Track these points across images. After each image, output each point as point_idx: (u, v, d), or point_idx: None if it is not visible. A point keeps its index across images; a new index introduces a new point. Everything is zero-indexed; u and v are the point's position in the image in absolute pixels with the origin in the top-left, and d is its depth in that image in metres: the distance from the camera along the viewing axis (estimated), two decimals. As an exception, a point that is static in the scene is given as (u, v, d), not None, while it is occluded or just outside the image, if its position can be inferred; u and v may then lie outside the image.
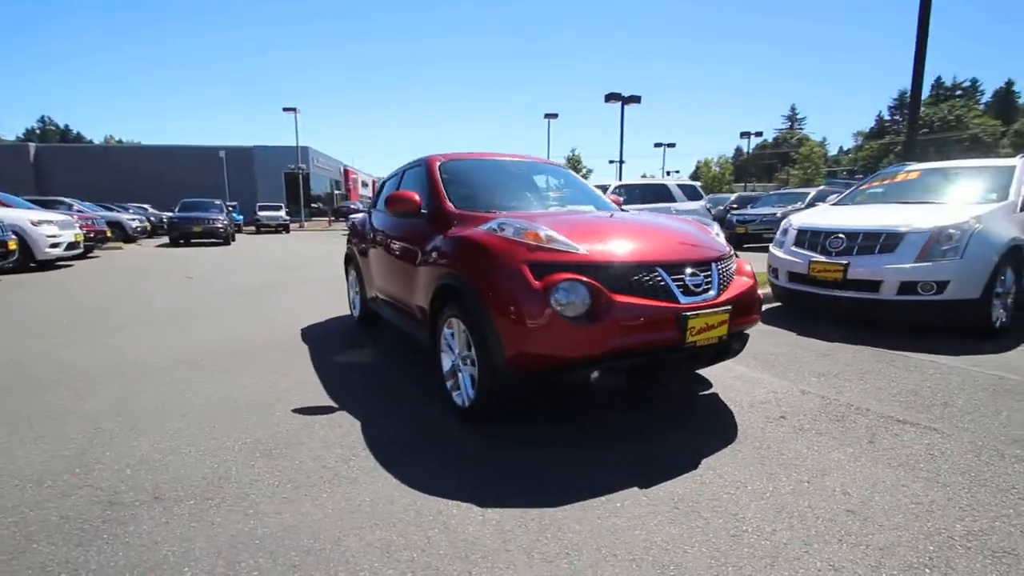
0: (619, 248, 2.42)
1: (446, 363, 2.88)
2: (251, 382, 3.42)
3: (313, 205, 38.54)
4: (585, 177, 48.56)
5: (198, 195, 21.51)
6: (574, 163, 38.80)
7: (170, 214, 18.58)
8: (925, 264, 4.21)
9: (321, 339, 4.53)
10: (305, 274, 9.44)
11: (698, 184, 12.80)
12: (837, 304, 4.65)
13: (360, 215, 5.24)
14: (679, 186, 11.44)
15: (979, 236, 4.17)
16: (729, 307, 2.44)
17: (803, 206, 12.86)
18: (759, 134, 36.40)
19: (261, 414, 2.88)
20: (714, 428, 2.66)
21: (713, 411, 2.89)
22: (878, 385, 3.26)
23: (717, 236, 2.96)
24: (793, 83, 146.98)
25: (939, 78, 65.59)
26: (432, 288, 2.91)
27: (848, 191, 6.30)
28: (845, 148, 75.93)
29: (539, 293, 2.22)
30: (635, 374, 2.41)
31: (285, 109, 29.47)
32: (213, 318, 5.48)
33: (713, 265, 2.55)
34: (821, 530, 1.80)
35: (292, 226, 27.71)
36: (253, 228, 26.28)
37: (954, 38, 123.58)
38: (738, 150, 77.16)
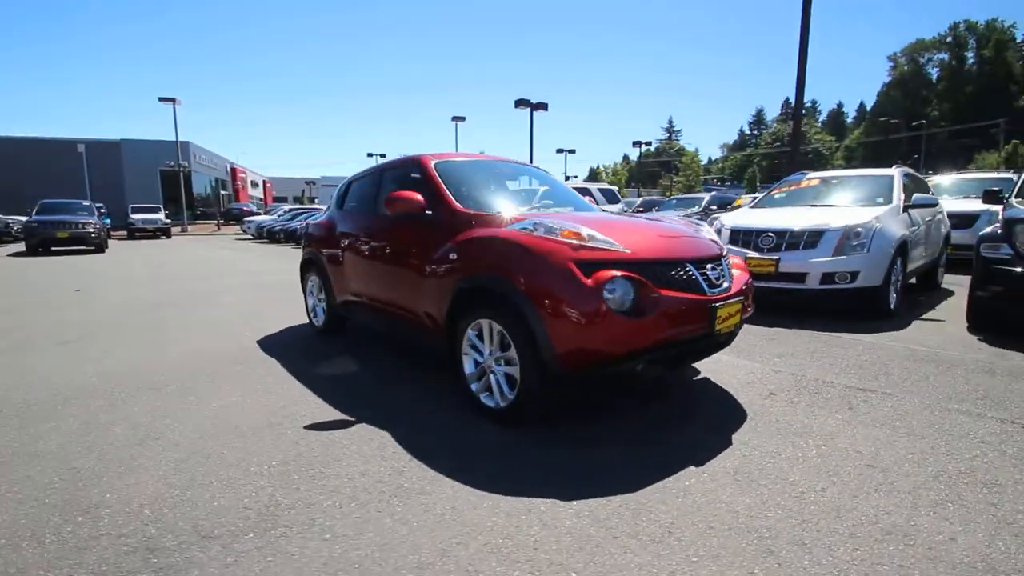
0: (653, 246, 2.60)
1: (469, 366, 2.86)
2: (233, 402, 3.10)
3: (230, 211, 33.95)
4: None
5: (49, 196, 18.34)
6: None
7: (25, 218, 15.68)
8: (840, 257, 4.95)
9: (285, 350, 4.19)
10: (223, 284, 8.56)
11: (616, 189, 13.69)
12: (771, 294, 5.28)
13: (318, 217, 4.92)
14: (600, 190, 12.16)
15: (879, 233, 5.00)
16: (741, 297, 2.72)
17: (699, 210, 14.25)
18: (648, 143, 39.57)
19: (270, 435, 2.63)
20: (725, 409, 2.93)
21: (714, 394, 3.17)
22: (829, 361, 3.79)
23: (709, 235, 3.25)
24: (670, 98, 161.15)
25: (787, 99, 75.99)
26: (451, 291, 2.86)
27: (761, 196, 7.16)
28: (713, 158, 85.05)
29: (591, 290, 2.31)
30: (671, 363, 2.59)
31: (162, 99, 26.05)
32: (140, 336, 4.81)
33: (723, 260, 2.82)
34: (857, 484, 2.09)
35: (173, 230, 24.70)
36: (125, 233, 23.02)
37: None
38: (625, 157, 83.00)
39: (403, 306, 3.43)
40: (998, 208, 7.80)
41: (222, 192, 40.08)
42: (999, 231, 4.48)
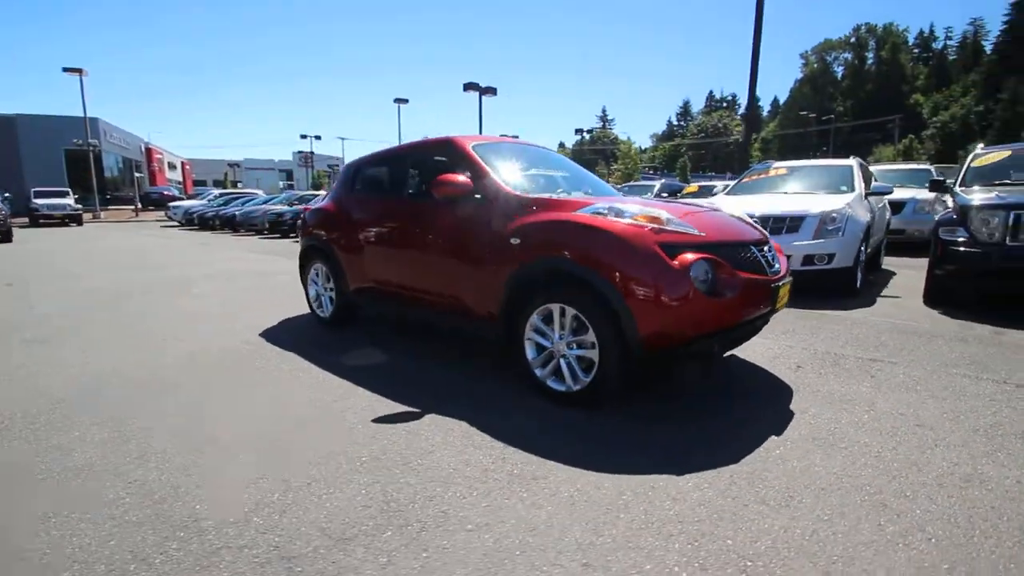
0: (721, 229, 2.72)
1: (531, 351, 2.86)
2: (276, 398, 2.92)
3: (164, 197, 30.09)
4: None
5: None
6: None
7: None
8: (819, 241, 5.38)
9: (297, 343, 3.96)
10: (181, 274, 7.88)
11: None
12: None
13: (319, 202, 4.65)
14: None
15: (851, 218, 5.48)
16: (790, 278, 2.92)
17: (651, 197, 14.86)
18: (590, 131, 40.37)
19: (339, 430, 2.52)
20: (766, 383, 3.14)
21: (750, 370, 3.38)
22: (830, 336, 4.13)
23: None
24: (605, 88, 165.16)
25: (711, 92, 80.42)
26: (511, 276, 2.85)
27: (733, 184, 7.58)
28: (643, 148, 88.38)
29: (678, 272, 2.39)
30: (737, 342, 2.74)
31: (66, 70, 23.01)
32: (116, 332, 4.36)
33: (770, 243, 3.00)
34: (917, 442, 2.34)
35: (84, 216, 22.18)
36: (27, 220, 20.39)
37: (721, 58, 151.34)
38: (561, 144, 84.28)
39: (444, 292, 3.36)
40: (928, 195, 8.77)
41: (136, 175, 36.37)
42: (954, 216, 5.05)
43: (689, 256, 2.43)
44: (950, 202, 6.01)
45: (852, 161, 6.73)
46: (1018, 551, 1.61)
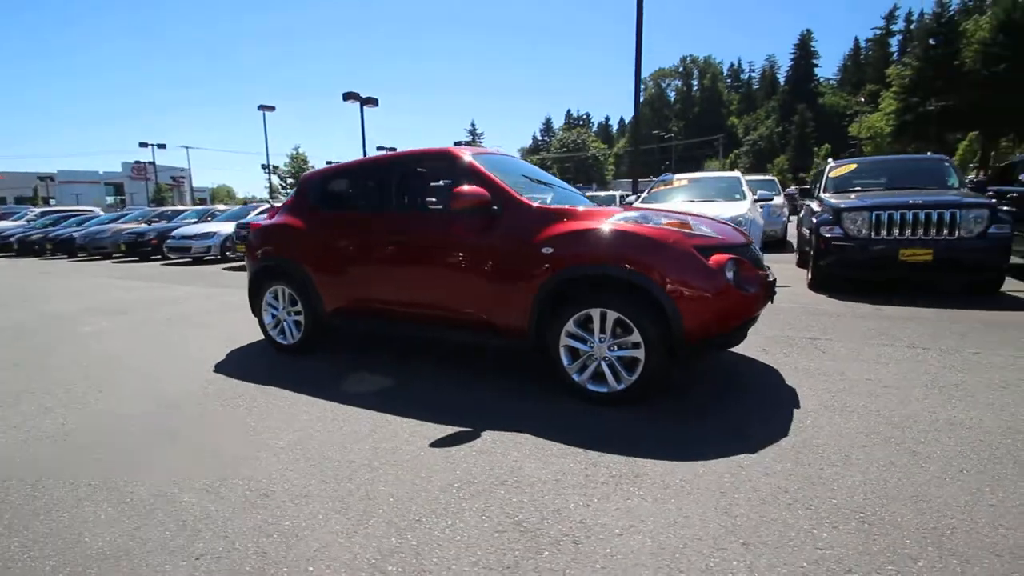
0: (726, 232, 3.04)
1: (566, 357, 2.93)
2: (296, 442, 2.59)
3: None
4: None
5: None
6: (300, 161, 35.45)
7: None
8: (732, 241, 6.21)
9: (273, 375, 3.51)
10: (53, 310, 6.37)
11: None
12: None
13: (272, 219, 4.17)
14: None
15: (753, 222, 6.41)
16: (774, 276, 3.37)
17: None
18: (470, 141, 40.98)
19: (399, 462, 2.34)
20: (751, 367, 3.56)
21: (730, 358, 3.79)
22: (768, 323, 4.77)
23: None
24: (475, 102, 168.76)
25: (569, 110, 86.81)
26: (543, 285, 2.89)
27: (644, 193, 8.35)
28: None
29: (715, 271, 2.65)
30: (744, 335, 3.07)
31: None
32: (23, 379, 3.45)
33: (754, 244, 3.44)
34: (895, 400, 2.86)
35: None
36: None
37: (579, 80, 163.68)
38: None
39: (458, 306, 3.26)
40: (779, 201, 10.48)
41: None
42: (830, 217, 6.17)
43: (721, 257, 2.71)
44: (814, 206, 7.31)
45: (738, 173, 7.86)
46: (1019, 471, 2.10)
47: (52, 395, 3.34)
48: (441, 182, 3.42)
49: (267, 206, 13.99)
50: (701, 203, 7.13)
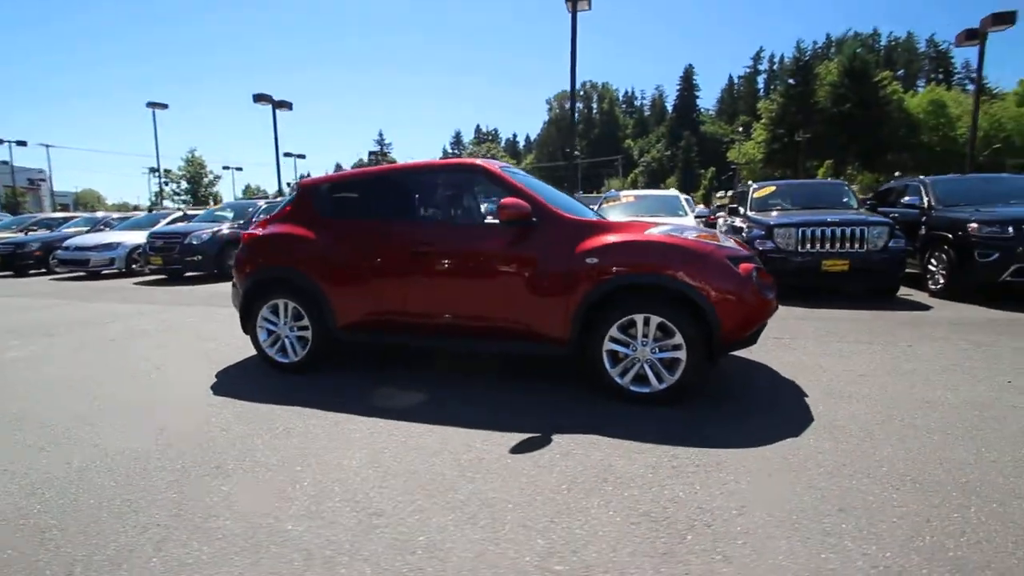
0: (738, 244, 3.42)
1: (609, 360, 3.11)
2: (369, 462, 2.50)
3: None
4: (212, 184, 40.86)
5: None
6: (197, 165, 32.05)
7: None
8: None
9: (290, 397, 3.28)
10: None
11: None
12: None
13: (267, 228, 3.89)
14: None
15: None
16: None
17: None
18: (383, 153, 39.86)
19: (490, 471, 2.37)
20: (745, 365, 3.99)
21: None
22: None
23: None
24: (384, 112, 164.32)
25: (478, 125, 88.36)
26: (588, 293, 3.06)
27: (596, 208, 8.82)
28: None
29: (746, 279, 2.99)
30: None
31: None
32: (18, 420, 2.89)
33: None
34: (877, 386, 3.39)
35: None
36: None
37: (487, 97, 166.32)
38: (338, 166, 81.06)
39: (494, 316, 3.31)
40: (691, 219, 11.53)
41: None
42: (763, 233, 7.00)
43: (747, 265, 3.06)
44: (738, 222, 8.21)
45: (676, 191, 8.63)
46: (995, 434, 2.63)
47: (29, 432, 2.85)
48: (477, 194, 3.47)
49: (179, 214, 12.69)
50: (650, 218, 7.73)
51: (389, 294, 3.53)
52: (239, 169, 39.76)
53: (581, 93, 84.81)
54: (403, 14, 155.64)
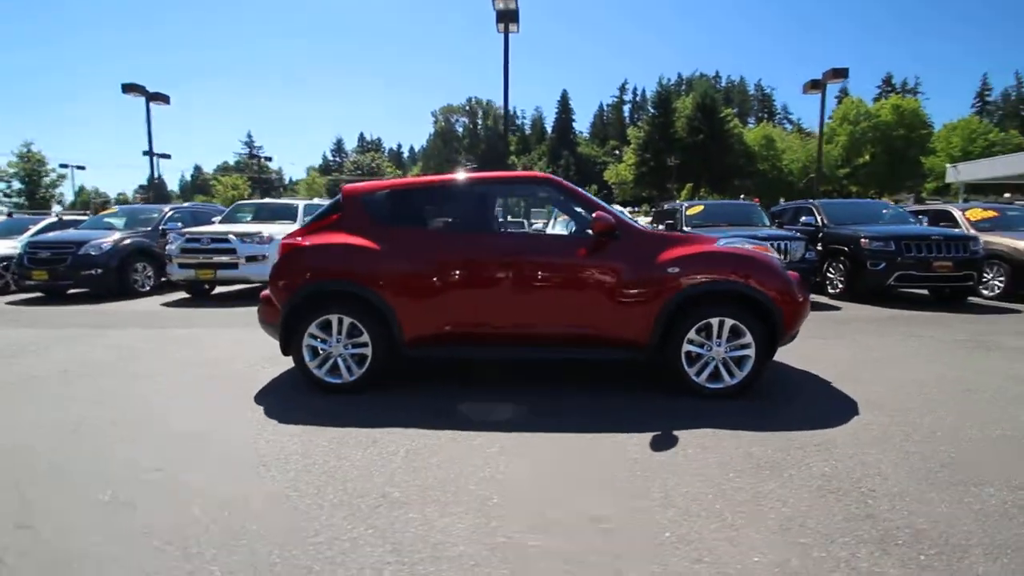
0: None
1: (685, 360, 3.41)
2: (491, 465, 2.48)
3: None
4: (55, 184, 33.37)
5: None
6: (35, 162, 26.12)
7: None
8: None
9: (361, 417, 3.06)
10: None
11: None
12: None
13: (306, 235, 3.55)
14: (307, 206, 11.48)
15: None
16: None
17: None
18: (260, 157, 36.23)
19: (641, 468, 2.51)
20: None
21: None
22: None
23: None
24: (256, 113, 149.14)
25: (362, 134, 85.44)
26: (671, 299, 3.33)
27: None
28: (294, 179, 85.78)
29: (798, 283, 3.49)
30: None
31: None
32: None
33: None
34: (884, 366, 4.13)
35: None
36: None
37: (369, 105, 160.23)
38: (197, 168, 72.59)
39: (579, 325, 3.44)
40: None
41: None
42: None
43: (793, 272, 3.57)
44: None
45: (619, 207, 9.32)
46: (987, 405, 3.40)
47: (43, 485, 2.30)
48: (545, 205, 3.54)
49: (54, 219, 10.51)
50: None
51: (467, 306, 3.46)
52: (80, 168, 33.41)
53: (467, 108, 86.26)
54: (286, 15, 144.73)
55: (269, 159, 36.19)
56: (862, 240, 7.66)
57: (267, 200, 11.35)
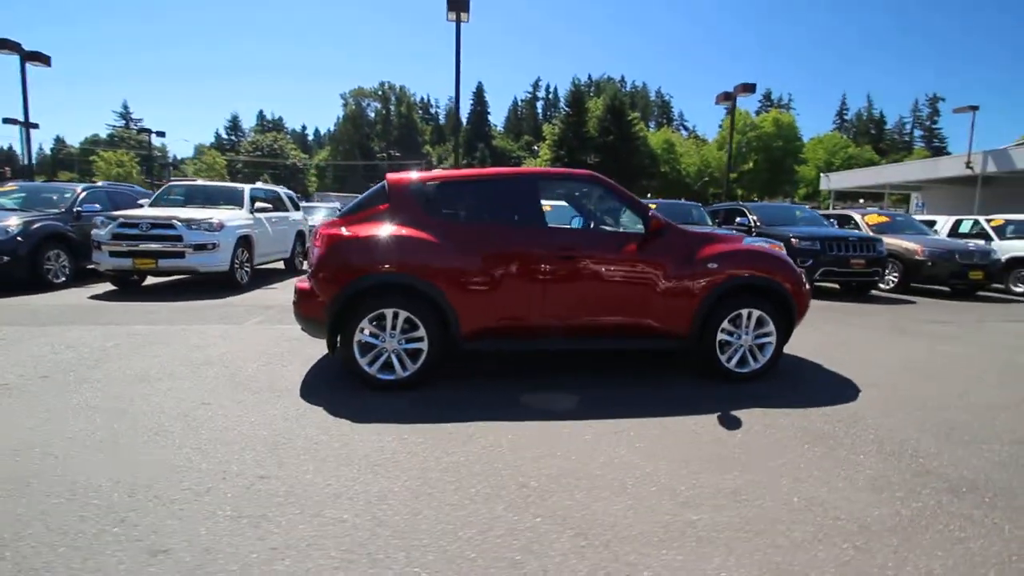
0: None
1: (719, 348, 3.77)
2: (595, 451, 2.65)
3: None
4: None
5: None
6: None
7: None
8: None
9: (438, 412, 3.03)
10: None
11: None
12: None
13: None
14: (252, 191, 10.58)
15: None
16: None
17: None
18: (153, 132, 31.73)
19: (743, 445, 2.79)
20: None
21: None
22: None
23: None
24: (138, 81, 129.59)
25: (261, 111, 78.93)
26: (709, 292, 3.65)
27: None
28: (180, 157, 77.20)
29: (803, 275, 3.98)
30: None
31: None
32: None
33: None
34: (885, 347, 4.80)
35: None
36: None
37: (270, 82, 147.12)
38: (58, 139, 62.73)
39: (630, 317, 3.65)
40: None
41: None
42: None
43: (799, 266, 4.06)
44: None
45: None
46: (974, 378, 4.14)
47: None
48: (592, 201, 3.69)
49: None
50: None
51: (524, 299, 3.51)
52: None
53: (380, 93, 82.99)
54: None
55: (162, 134, 31.97)
56: (792, 239, 8.67)
57: (206, 182, 10.19)
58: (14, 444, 2.55)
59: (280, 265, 10.32)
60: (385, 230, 3.43)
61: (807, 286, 4.00)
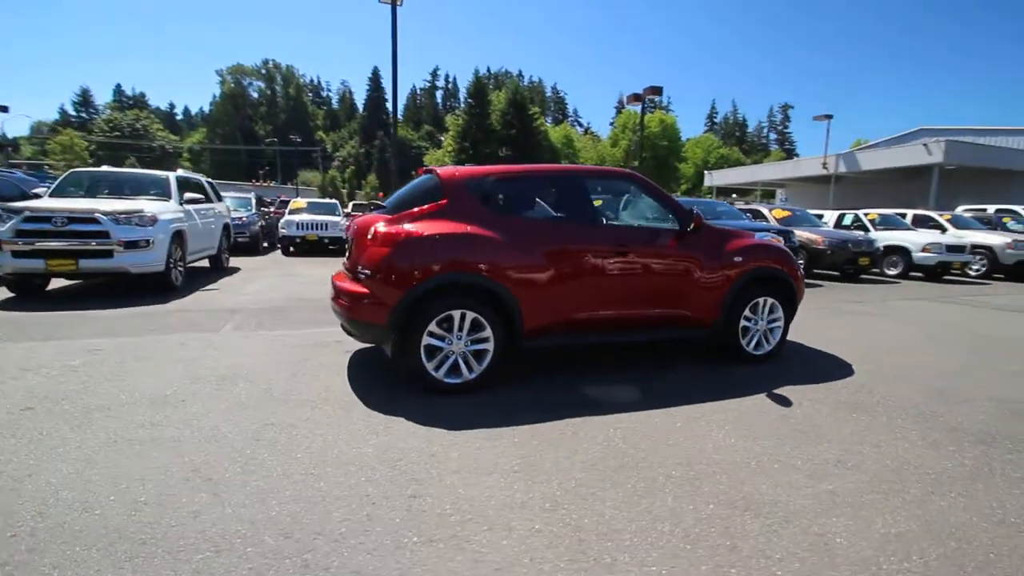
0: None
1: (741, 335, 4.15)
2: (676, 446, 2.87)
3: None
4: None
5: None
6: None
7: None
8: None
9: (516, 414, 3.02)
10: None
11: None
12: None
13: (392, 222, 3.19)
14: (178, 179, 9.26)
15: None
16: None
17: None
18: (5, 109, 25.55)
19: (811, 429, 3.14)
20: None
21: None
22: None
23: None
24: None
25: (119, 85, 68.18)
26: (734, 283, 4.00)
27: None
28: (11, 136, 64.58)
29: (799, 264, 4.51)
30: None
31: None
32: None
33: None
34: (884, 336, 5.49)
35: None
36: None
37: (127, 53, 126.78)
38: None
39: (672, 309, 3.88)
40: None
41: None
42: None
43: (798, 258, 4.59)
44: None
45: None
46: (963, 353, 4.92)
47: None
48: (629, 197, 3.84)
49: None
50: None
51: (582, 294, 3.57)
52: None
53: (263, 72, 76.06)
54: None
55: (4, 108, 26.27)
56: (726, 232, 9.63)
57: (118, 169, 8.59)
58: (124, 499, 2.09)
59: (205, 263, 9.22)
60: (450, 228, 3.28)
61: (801, 273, 4.54)
